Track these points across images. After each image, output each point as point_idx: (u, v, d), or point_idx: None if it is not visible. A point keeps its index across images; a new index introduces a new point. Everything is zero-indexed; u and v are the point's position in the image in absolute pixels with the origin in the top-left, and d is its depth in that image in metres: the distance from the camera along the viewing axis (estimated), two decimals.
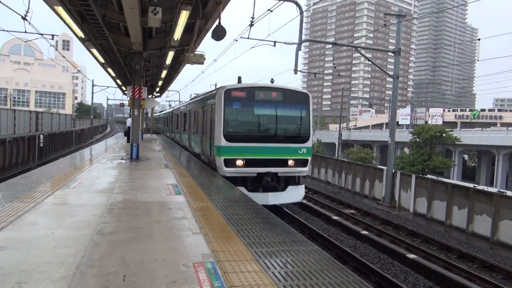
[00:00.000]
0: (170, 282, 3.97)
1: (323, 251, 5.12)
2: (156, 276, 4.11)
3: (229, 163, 12.58)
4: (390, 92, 40.07)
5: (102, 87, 56.35)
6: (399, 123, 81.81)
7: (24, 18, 14.60)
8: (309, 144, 13.37)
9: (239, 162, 12.61)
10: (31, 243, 5.03)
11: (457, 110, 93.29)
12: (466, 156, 62.71)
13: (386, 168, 21.52)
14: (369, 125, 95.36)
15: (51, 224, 5.98)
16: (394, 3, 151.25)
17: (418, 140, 39.58)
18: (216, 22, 10.04)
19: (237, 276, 4.19)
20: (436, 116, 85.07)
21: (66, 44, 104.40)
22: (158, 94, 41.87)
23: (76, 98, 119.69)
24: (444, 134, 39.97)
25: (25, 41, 23.76)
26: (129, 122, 22.94)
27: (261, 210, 7.41)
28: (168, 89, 43.28)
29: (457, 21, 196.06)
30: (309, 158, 13.34)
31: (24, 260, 4.40)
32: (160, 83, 27.74)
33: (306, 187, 16.18)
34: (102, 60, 17.42)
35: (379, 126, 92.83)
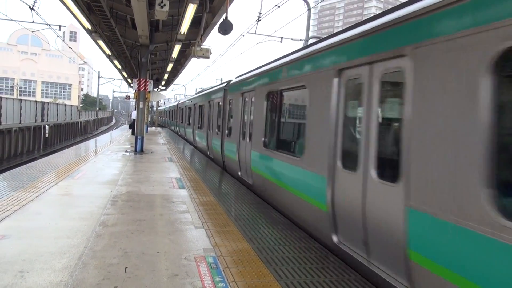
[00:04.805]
0: (171, 275, 3.98)
1: (325, 248, 5.11)
2: (157, 269, 4.13)
3: None
4: None
5: (108, 79, 56.62)
6: None
7: (31, 8, 14.66)
8: None
9: None
10: (34, 232, 5.07)
11: None
12: None
13: None
14: None
15: (55, 214, 6.02)
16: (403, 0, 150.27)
17: None
18: (223, 17, 10.02)
19: (238, 271, 4.20)
20: None
21: (73, 35, 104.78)
22: (164, 88, 41.96)
23: (82, 89, 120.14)
24: None
25: (32, 31, 23.80)
26: (134, 114, 22.97)
27: (264, 206, 7.41)
28: (174, 82, 43.33)
29: None
30: None
31: (27, 249, 4.43)
32: (165, 76, 27.80)
33: None
34: (108, 52, 17.47)
35: None
